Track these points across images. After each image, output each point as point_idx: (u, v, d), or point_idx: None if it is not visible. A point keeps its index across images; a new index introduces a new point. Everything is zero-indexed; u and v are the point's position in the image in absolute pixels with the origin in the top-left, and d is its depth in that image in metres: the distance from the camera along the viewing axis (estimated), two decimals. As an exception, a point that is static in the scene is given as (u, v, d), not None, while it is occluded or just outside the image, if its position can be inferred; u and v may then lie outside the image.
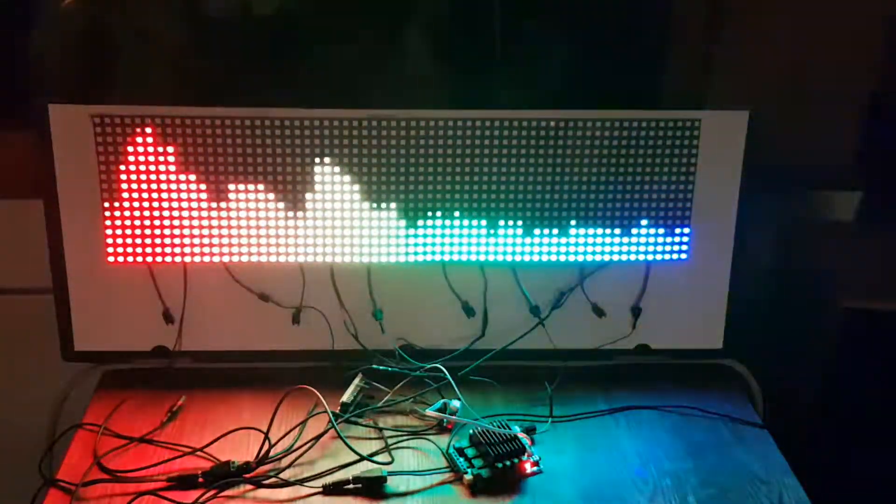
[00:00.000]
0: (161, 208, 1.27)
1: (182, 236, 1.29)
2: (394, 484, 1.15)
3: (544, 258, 1.33)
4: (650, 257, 1.34)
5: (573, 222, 1.31)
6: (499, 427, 1.20)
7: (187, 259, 1.30)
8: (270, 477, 1.15)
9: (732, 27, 1.38)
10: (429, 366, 1.32)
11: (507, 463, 1.15)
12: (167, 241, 1.29)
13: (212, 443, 1.20)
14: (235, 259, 1.31)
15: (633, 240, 1.33)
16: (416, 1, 1.37)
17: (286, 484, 1.14)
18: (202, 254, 1.30)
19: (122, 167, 1.25)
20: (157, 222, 1.28)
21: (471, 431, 1.21)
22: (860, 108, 1.44)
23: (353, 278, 1.33)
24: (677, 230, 1.33)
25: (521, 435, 1.21)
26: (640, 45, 1.38)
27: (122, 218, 1.27)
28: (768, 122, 1.30)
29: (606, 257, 1.34)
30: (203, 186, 1.27)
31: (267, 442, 1.19)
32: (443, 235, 1.31)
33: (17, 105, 1.34)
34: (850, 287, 1.48)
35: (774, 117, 1.32)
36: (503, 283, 1.35)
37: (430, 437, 1.23)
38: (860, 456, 1.49)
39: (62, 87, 1.34)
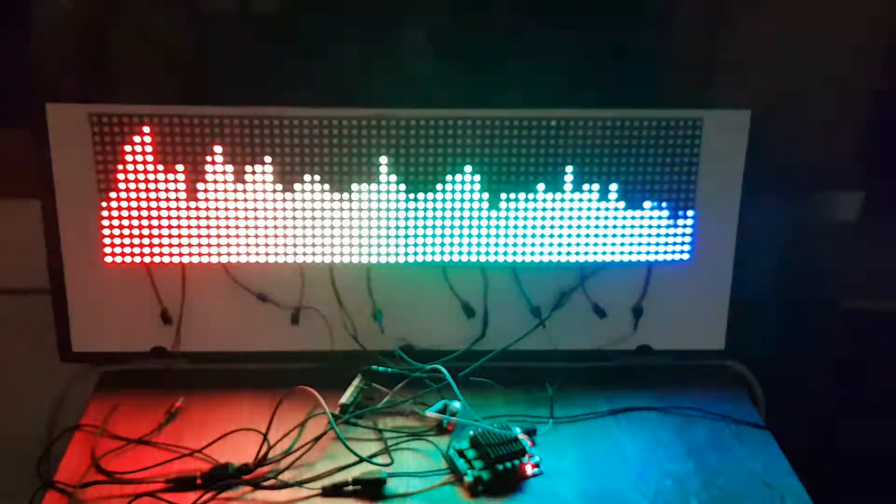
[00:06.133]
0: (159, 208, 1.27)
1: (180, 236, 1.28)
2: (393, 486, 1.14)
3: (545, 258, 1.32)
4: (651, 258, 1.34)
5: (574, 222, 1.31)
6: (499, 428, 1.20)
7: (185, 259, 1.29)
8: (269, 479, 1.15)
9: (734, 27, 1.37)
10: (429, 367, 1.31)
11: (508, 464, 1.15)
12: (165, 241, 1.28)
13: (210, 444, 1.20)
14: (234, 259, 1.30)
15: (635, 240, 1.33)
16: (417, 1, 1.36)
17: (285, 486, 1.14)
18: (200, 254, 1.29)
19: (120, 167, 1.25)
20: (154, 222, 1.27)
21: (471, 433, 1.20)
22: (862, 109, 1.44)
23: (352, 278, 1.32)
24: (679, 230, 1.33)
25: (522, 436, 1.21)
26: (641, 43, 1.37)
27: (120, 218, 1.27)
28: (770, 122, 1.30)
29: (608, 258, 1.33)
30: (201, 186, 1.26)
31: (266, 443, 1.19)
32: (443, 235, 1.31)
33: (14, 104, 1.33)
34: (852, 288, 1.47)
35: (776, 117, 1.32)
36: (503, 283, 1.34)
37: (430, 438, 1.23)
38: (863, 457, 1.49)
39: (60, 86, 1.33)
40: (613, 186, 1.30)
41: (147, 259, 1.29)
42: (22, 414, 1.41)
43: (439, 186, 1.28)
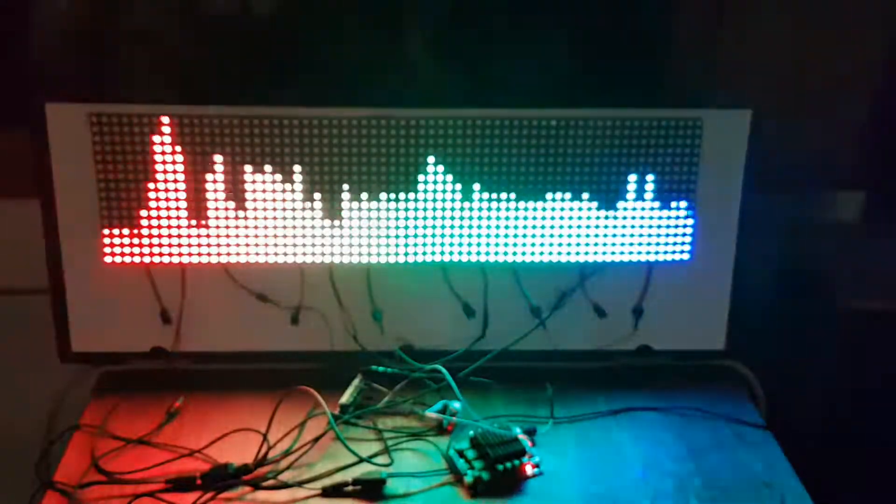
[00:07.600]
0: (158, 208, 1.27)
1: (180, 237, 1.28)
2: (393, 486, 1.14)
3: (545, 258, 1.32)
4: (652, 257, 1.34)
5: (574, 222, 1.31)
6: (499, 428, 1.20)
7: (185, 259, 1.29)
8: (269, 479, 1.15)
9: (735, 26, 1.37)
10: (429, 367, 1.31)
11: (508, 465, 1.15)
12: (165, 241, 1.28)
13: (210, 444, 1.20)
14: (234, 259, 1.30)
15: (635, 240, 1.32)
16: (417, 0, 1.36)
17: (285, 486, 1.14)
18: (200, 254, 1.29)
19: (120, 167, 1.25)
20: (154, 222, 1.27)
21: (471, 433, 1.20)
22: (862, 108, 1.44)
23: (352, 279, 1.32)
24: (679, 230, 1.32)
25: (522, 436, 1.20)
26: (641, 43, 1.37)
27: (120, 218, 1.27)
28: (771, 122, 1.29)
29: (608, 258, 1.33)
30: (201, 186, 1.26)
31: (265, 443, 1.19)
32: (443, 235, 1.30)
33: (14, 104, 1.33)
34: (853, 288, 1.47)
35: (777, 117, 1.32)
36: (504, 283, 1.34)
37: (430, 438, 1.23)
38: (863, 457, 1.49)
39: (60, 86, 1.33)
40: (613, 187, 1.29)
41: (147, 259, 1.29)
42: (21, 414, 1.40)
43: (440, 186, 1.28)
